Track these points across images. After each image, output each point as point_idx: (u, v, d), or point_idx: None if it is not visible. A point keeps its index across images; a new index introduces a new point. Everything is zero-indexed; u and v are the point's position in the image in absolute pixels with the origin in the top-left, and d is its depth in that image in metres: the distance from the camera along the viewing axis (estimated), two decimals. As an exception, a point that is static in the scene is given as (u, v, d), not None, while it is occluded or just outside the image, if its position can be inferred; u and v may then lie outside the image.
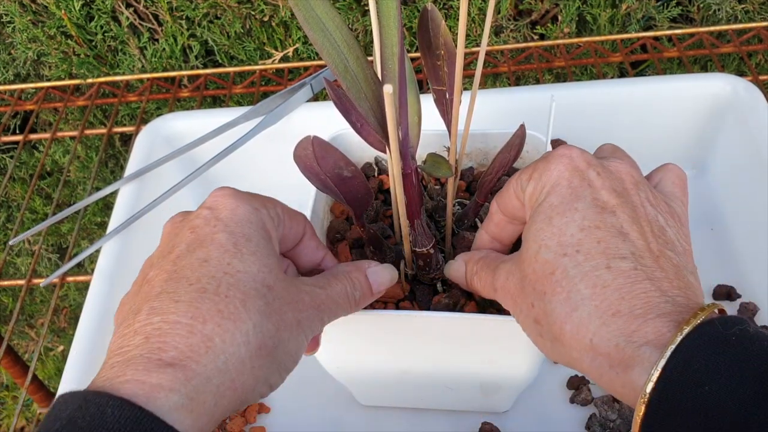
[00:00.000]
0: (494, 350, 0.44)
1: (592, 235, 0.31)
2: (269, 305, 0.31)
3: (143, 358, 0.28)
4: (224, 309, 0.30)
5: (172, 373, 0.28)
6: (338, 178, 0.39)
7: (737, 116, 0.61)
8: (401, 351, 0.45)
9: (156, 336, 0.29)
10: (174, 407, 0.27)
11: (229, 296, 0.30)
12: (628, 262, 0.30)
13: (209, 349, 0.29)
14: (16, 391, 1.40)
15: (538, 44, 0.80)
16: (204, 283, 0.31)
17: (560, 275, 0.31)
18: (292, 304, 0.33)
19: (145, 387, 0.27)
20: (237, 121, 0.65)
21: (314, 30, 0.33)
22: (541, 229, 0.33)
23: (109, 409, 0.26)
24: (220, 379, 0.29)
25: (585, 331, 0.30)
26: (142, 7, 0.86)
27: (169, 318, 0.29)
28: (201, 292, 0.30)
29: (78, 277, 0.66)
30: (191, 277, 0.31)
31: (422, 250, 0.42)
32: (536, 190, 0.34)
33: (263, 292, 0.32)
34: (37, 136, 0.84)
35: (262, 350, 0.31)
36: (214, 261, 0.31)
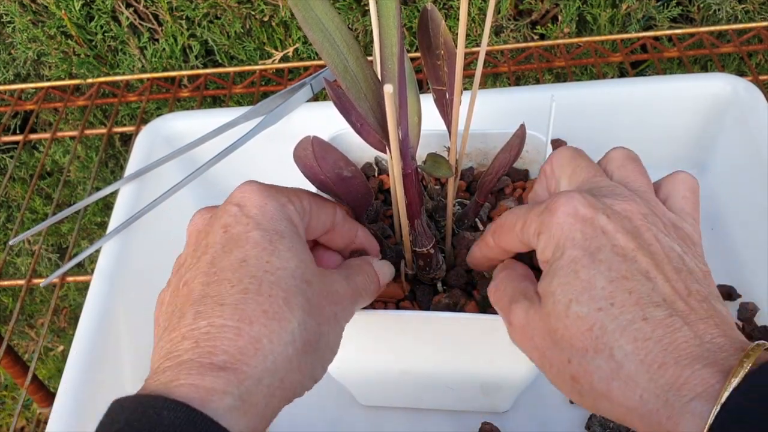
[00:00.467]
0: (494, 350, 0.44)
1: (622, 286, 0.31)
2: (310, 301, 0.32)
3: (195, 362, 0.29)
4: (269, 309, 0.30)
5: (224, 376, 0.28)
6: (338, 178, 0.39)
7: (737, 116, 0.61)
8: (401, 351, 0.45)
9: (205, 340, 0.30)
10: (228, 409, 0.28)
11: (272, 295, 0.31)
12: (662, 309, 0.30)
13: (258, 350, 0.30)
14: (16, 391, 1.40)
15: (538, 44, 0.80)
16: (246, 284, 0.31)
17: (599, 331, 0.30)
18: (329, 298, 0.34)
19: (200, 390, 0.28)
20: (237, 121, 0.65)
21: (313, 30, 0.33)
22: (568, 283, 0.32)
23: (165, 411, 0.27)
24: (270, 380, 0.30)
25: (634, 387, 0.29)
26: (142, 7, 0.86)
27: (215, 322, 0.30)
28: (244, 293, 0.31)
29: (78, 277, 0.66)
30: (232, 278, 0.31)
31: (422, 249, 0.42)
32: (549, 244, 0.33)
33: (303, 288, 0.32)
34: (37, 136, 0.84)
35: (307, 346, 0.31)
36: (253, 260, 0.32)
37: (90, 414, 0.49)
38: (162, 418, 0.27)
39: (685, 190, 0.36)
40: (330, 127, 0.51)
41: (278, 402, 0.31)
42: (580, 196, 0.33)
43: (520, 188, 0.51)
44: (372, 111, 0.35)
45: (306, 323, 0.31)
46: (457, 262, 0.46)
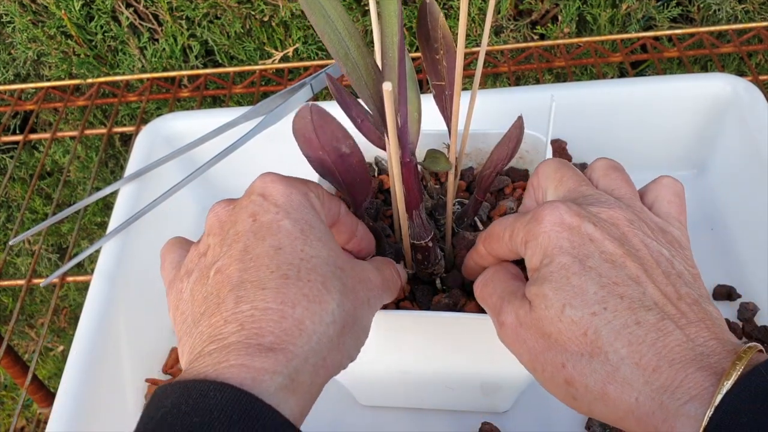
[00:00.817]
0: (494, 350, 0.44)
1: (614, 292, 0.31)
2: (345, 285, 0.33)
3: (242, 344, 0.30)
4: (309, 293, 0.31)
5: (273, 356, 0.29)
6: (336, 154, 0.39)
7: (737, 116, 0.61)
8: (401, 351, 0.45)
9: (250, 323, 0.30)
10: (279, 388, 0.29)
11: (311, 280, 0.32)
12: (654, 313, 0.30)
13: (302, 331, 0.31)
14: (16, 391, 1.40)
15: (538, 44, 0.80)
16: (285, 270, 0.32)
17: (593, 335, 0.31)
18: (363, 283, 0.35)
19: (251, 371, 0.29)
20: (237, 121, 0.65)
21: (316, 15, 0.33)
22: (561, 288, 0.32)
23: (211, 392, 0.27)
24: (315, 359, 0.31)
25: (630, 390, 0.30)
26: (142, 7, 0.86)
27: (259, 305, 0.31)
28: (284, 278, 0.31)
29: (78, 277, 0.66)
30: (270, 264, 0.32)
31: (421, 242, 0.42)
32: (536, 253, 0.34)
33: (338, 273, 0.33)
34: (37, 136, 0.84)
35: (345, 327, 0.33)
36: (288, 248, 0.32)
37: (90, 414, 0.49)
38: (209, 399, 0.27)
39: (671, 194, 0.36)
40: (330, 126, 0.51)
41: (322, 380, 0.32)
42: (565, 205, 0.34)
43: (520, 188, 0.51)
44: (372, 98, 0.35)
45: (344, 305, 0.33)
46: (457, 261, 0.46)
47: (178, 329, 0.34)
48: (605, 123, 0.64)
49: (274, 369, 0.29)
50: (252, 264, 0.32)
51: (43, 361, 1.34)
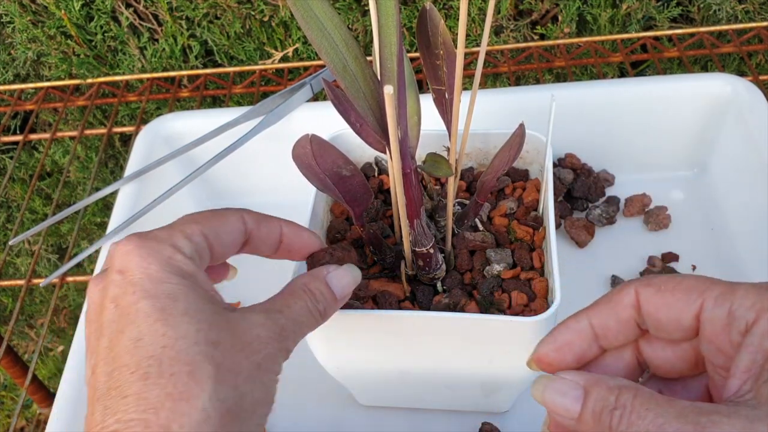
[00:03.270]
0: (494, 350, 0.44)
1: None
2: (219, 365, 0.29)
3: None
4: (173, 391, 0.28)
5: None
6: (337, 177, 0.39)
7: (737, 116, 0.61)
8: (401, 351, 0.45)
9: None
10: None
11: (174, 374, 0.28)
12: None
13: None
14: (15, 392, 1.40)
15: (538, 44, 0.80)
16: (145, 368, 0.29)
17: None
18: (245, 350, 0.31)
19: None
20: (237, 121, 0.65)
21: (312, 29, 0.33)
22: None
23: None
24: None
25: None
26: (142, 7, 0.86)
27: (122, 417, 0.28)
28: (144, 379, 0.28)
29: (78, 278, 0.66)
30: (130, 363, 0.29)
31: (422, 249, 0.42)
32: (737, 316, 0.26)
33: (209, 352, 0.29)
34: (36, 136, 0.84)
35: (226, 417, 0.29)
36: (148, 338, 0.29)
37: (90, 414, 0.49)
38: None
39: None
40: (330, 127, 0.51)
41: None
42: None
43: (520, 188, 0.51)
44: (371, 110, 0.35)
45: (218, 392, 0.29)
46: (457, 262, 0.46)
47: None
48: (605, 123, 0.64)
49: None
50: (115, 365, 0.29)
51: (42, 361, 1.34)
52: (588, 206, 0.64)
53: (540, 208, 0.49)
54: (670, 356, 0.30)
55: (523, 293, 0.43)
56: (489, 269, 0.45)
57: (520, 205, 0.49)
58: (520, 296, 0.43)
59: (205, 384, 0.29)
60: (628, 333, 0.29)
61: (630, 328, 0.29)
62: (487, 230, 0.47)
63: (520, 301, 0.43)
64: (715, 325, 0.27)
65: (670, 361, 0.30)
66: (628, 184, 0.65)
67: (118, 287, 0.31)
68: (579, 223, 0.62)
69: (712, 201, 0.64)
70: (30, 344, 1.33)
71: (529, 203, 0.49)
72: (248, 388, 0.30)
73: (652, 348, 0.30)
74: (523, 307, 0.43)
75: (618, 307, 0.29)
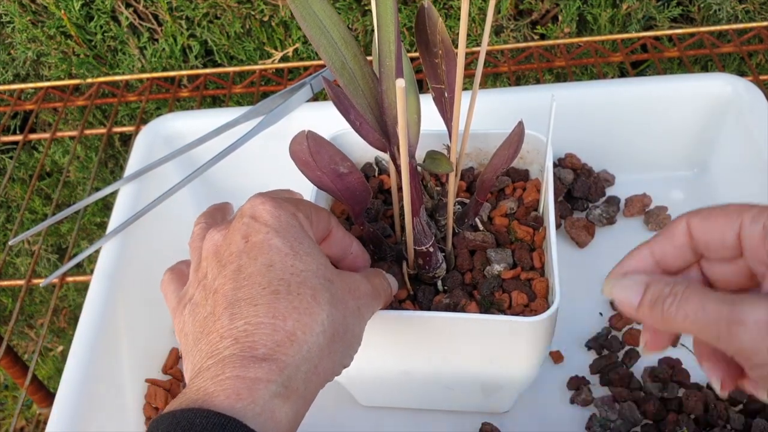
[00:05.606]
0: (494, 350, 0.44)
1: None
2: (334, 296, 0.35)
3: (237, 356, 0.32)
4: (299, 306, 0.33)
5: (267, 366, 0.31)
6: (335, 174, 0.39)
7: (738, 116, 0.61)
8: (402, 351, 0.45)
9: (244, 337, 0.32)
10: (273, 395, 0.31)
11: (300, 293, 0.34)
12: None
13: (293, 342, 0.32)
14: (16, 392, 1.40)
15: (539, 44, 0.80)
16: (276, 286, 0.34)
17: None
18: (352, 293, 0.37)
19: (246, 381, 0.31)
20: (237, 121, 0.65)
21: (311, 27, 0.33)
22: None
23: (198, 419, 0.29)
24: (307, 366, 0.33)
25: None
26: (141, 7, 0.86)
27: (252, 320, 0.33)
28: (275, 293, 0.33)
29: (77, 278, 0.66)
30: (262, 281, 0.34)
31: (422, 248, 0.42)
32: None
33: (327, 285, 0.35)
34: (36, 136, 0.84)
35: (336, 336, 0.34)
36: (278, 265, 0.34)
37: (90, 414, 0.49)
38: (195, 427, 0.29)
39: None
40: (330, 127, 0.51)
41: (315, 387, 0.34)
42: None
43: (520, 188, 0.51)
44: (370, 109, 0.35)
45: (333, 315, 0.34)
46: (458, 262, 0.46)
47: (182, 349, 0.36)
48: (605, 123, 0.64)
49: (268, 378, 0.31)
50: (245, 282, 0.34)
51: (42, 361, 1.34)
52: (588, 206, 0.64)
53: (540, 208, 0.49)
54: (727, 273, 0.34)
55: (524, 293, 0.43)
56: (489, 269, 0.45)
57: (521, 205, 0.49)
58: (521, 296, 0.43)
59: (324, 306, 0.34)
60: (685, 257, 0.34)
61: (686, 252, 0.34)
62: (488, 230, 0.47)
63: (521, 301, 0.43)
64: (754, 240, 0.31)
65: (728, 277, 0.34)
66: (629, 184, 0.65)
67: (250, 228, 0.36)
68: (579, 223, 0.61)
69: (712, 201, 0.63)
70: (30, 344, 1.33)
71: (529, 203, 0.49)
72: (352, 321, 0.36)
73: (712, 268, 0.34)
74: (524, 307, 0.43)
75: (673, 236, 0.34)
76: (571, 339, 0.55)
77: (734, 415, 0.48)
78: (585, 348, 0.55)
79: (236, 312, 0.33)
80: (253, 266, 0.34)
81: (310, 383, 0.33)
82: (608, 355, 0.54)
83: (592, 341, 0.55)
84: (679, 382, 0.51)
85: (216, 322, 0.33)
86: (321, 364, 0.34)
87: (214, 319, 0.34)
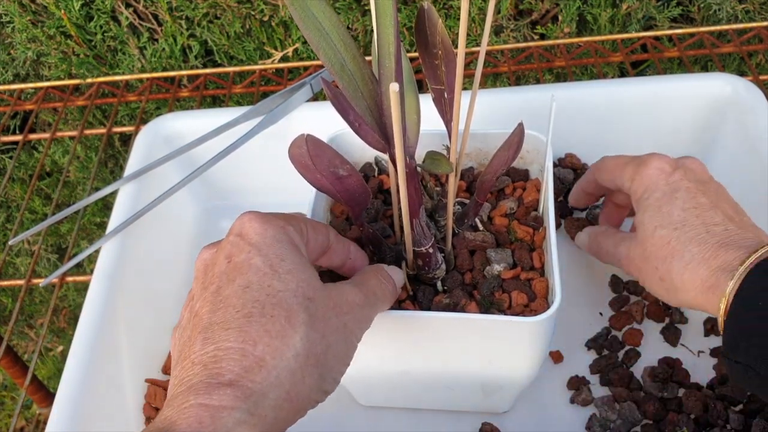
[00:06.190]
0: (494, 350, 0.44)
1: (692, 213, 0.44)
2: (313, 316, 0.34)
3: (203, 383, 0.31)
4: (271, 329, 0.32)
5: (231, 392, 0.31)
6: (334, 177, 0.39)
7: (738, 116, 0.61)
8: (402, 351, 0.45)
9: (212, 363, 0.32)
10: (237, 423, 0.30)
11: (274, 315, 0.33)
12: (720, 227, 0.43)
13: (262, 368, 0.32)
14: (15, 391, 1.40)
15: (539, 44, 0.80)
16: (249, 308, 0.33)
17: (675, 243, 0.44)
18: (336, 309, 0.35)
19: (209, 409, 0.30)
20: (237, 121, 0.65)
21: (310, 29, 0.33)
22: (654, 216, 0.46)
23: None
24: (277, 393, 0.32)
25: (697, 276, 0.42)
26: (141, 7, 0.86)
27: (222, 345, 0.32)
28: (248, 317, 0.33)
29: (77, 278, 0.66)
30: (236, 304, 0.33)
31: (421, 249, 0.42)
32: (639, 189, 0.48)
33: (305, 305, 0.34)
34: (36, 136, 0.84)
35: (311, 359, 0.33)
36: (255, 285, 0.34)
37: (90, 414, 0.49)
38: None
39: None
40: (330, 127, 0.51)
41: (288, 414, 0.33)
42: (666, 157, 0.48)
43: (520, 188, 0.51)
44: (369, 110, 0.35)
45: (309, 337, 0.33)
46: (457, 262, 0.46)
47: None
48: (605, 123, 0.64)
49: (233, 405, 0.30)
50: (221, 305, 0.33)
51: (42, 361, 1.34)
52: (588, 206, 0.64)
53: (540, 208, 0.49)
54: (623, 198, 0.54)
55: (524, 293, 0.43)
56: (489, 269, 0.45)
57: (520, 205, 0.49)
58: (521, 296, 0.43)
59: (299, 328, 0.33)
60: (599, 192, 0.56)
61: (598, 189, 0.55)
62: (488, 230, 0.47)
63: (520, 301, 0.43)
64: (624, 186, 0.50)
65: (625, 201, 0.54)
66: (628, 184, 0.65)
67: (234, 246, 0.35)
68: (579, 223, 0.61)
69: (712, 201, 0.63)
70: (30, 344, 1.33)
71: (529, 203, 0.49)
72: (333, 340, 0.35)
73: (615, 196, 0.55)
74: (523, 307, 0.43)
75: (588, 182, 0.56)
76: (571, 339, 0.55)
77: (734, 415, 0.48)
78: (585, 348, 0.55)
79: (209, 336, 0.33)
80: (230, 288, 0.34)
81: (281, 410, 0.32)
82: (608, 355, 0.54)
83: (592, 341, 0.55)
84: (678, 382, 0.51)
85: (191, 347, 0.33)
86: (294, 389, 0.33)
87: (190, 344, 0.33)
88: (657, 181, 0.47)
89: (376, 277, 0.40)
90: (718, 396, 0.50)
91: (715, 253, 0.42)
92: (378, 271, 0.40)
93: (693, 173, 0.48)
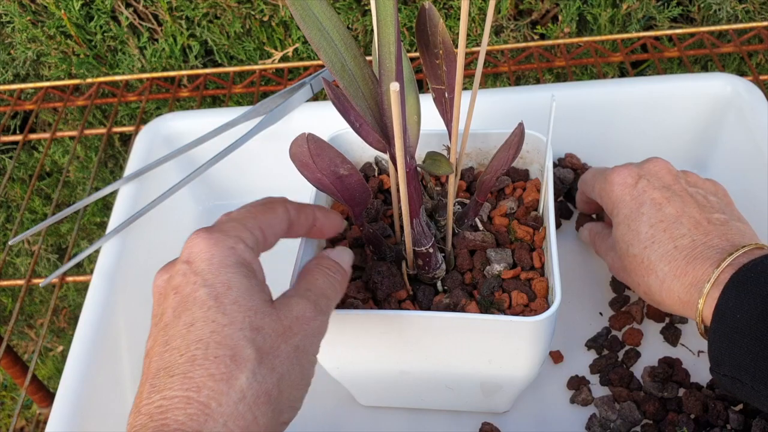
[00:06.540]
0: (494, 350, 0.44)
1: (659, 228, 0.45)
2: (260, 349, 0.32)
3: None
4: (215, 372, 0.31)
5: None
6: (335, 176, 0.39)
7: (738, 116, 0.61)
8: (401, 351, 0.45)
9: (158, 413, 0.31)
10: None
11: (218, 357, 0.31)
12: (687, 239, 0.44)
13: (208, 415, 0.30)
14: (15, 392, 1.40)
15: (539, 44, 0.80)
16: (193, 351, 0.32)
17: (647, 263, 0.45)
18: (285, 334, 0.34)
19: None
20: (237, 121, 0.65)
21: (311, 28, 0.33)
22: (625, 234, 0.47)
23: None
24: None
25: (673, 293, 0.44)
26: (141, 7, 0.86)
27: (167, 394, 0.31)
28: (191, 361, 0.31)
29: (77, 278, 0.66)
30: (180, 346, 0.32)
31: (421, 249, 0.42)
32: (608, 205, 0.50)
33: (252, 338, 0.32)
34: (36, 136, 0.84)
35: (261, 398, 0.32)
36: (199, 323, 0.32)
37: (90, 414, 0.49)
38: None
39: None
40: (330, 126, 0.51)
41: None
42: (627, 169, 0.49)
43: (520, 188, 0.51)
44: (370, 110, 0.35)
45: (258, 374, 0.32)
46: (458, 262, 0.46)
47: None
48: (605, 123, 0.64)
49: None
50: (167, 347, 0.32)
51: (42, 361, 1.34)
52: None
53: (540, 208, 0.49)
54: None
55: (523, 293, 0.43)
56: (489, 269, 0.45)
57: (520, 205, 0.49)
58: (520, 296, 0.43)
59: (245, 367, 0.32)
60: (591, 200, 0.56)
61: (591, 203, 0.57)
62: (488, 230, 0.47)
63: (520, 301, 0.43)
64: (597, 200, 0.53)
65: None
66: (628, 184, 0.65)
67: (182, 276, 0.34)
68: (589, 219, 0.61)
69: (712, 201, 0.63)
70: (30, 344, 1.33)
71: (529, 203, 0.49)
72: (286, 369, 0.33)
73: None
74: (523, 307, 0.43)
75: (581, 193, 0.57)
76: (571, 339, 0.55)
77: (734, 415, 0.48)
78: (585, 348, 0.55)
79: (156, 384, 0.32)
80: (175, 327, 0.33)
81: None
82: (608, 355, 0.54)
83: (592, 341, 0.55)
84: (678, 382, 0.51)
85: (140, 395, 0.32)
86: None
87: (140, 391, 0.32)
88: (622, 197, 0.48)
89: (323, 273, 0.38)
90: (718, 396, 0.50)
91: (684, 270, 0.43)
92: (322, 264, 0.39)
93: (657, 178, 0.48)
